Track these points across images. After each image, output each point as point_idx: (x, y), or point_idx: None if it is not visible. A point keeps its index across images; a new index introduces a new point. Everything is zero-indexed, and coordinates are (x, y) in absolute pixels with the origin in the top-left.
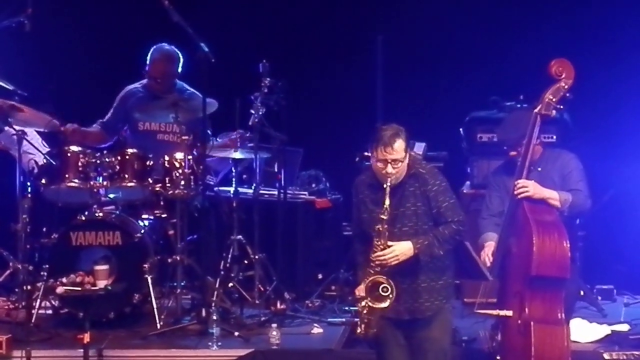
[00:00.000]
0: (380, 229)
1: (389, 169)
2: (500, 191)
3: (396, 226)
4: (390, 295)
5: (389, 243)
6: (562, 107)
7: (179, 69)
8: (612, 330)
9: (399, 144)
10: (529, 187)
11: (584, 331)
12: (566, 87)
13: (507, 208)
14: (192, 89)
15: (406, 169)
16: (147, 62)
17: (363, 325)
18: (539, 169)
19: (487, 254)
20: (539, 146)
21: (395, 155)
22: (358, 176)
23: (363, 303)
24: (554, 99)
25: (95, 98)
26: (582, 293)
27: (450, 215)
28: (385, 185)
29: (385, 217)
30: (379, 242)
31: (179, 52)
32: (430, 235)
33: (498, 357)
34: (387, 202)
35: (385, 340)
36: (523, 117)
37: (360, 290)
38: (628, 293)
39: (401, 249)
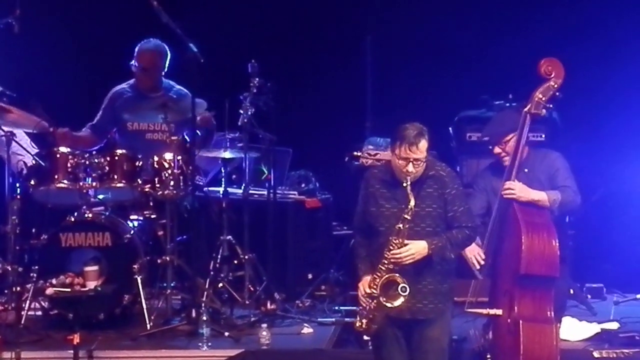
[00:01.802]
0: (401, 227)
1: (410, 167)
2: (483, 192)
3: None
4: (406, 295)
5: (405, 242)
6: (551, 106)
7: (166, 65)
8: (601, 329)
9: (423, 144)
10: (515, 190)
11: (573, 329)
12: (556, 86)
13: (496, 208)
14: (178, 86)
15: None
16: (135, 54)
17: (365, 321)
18: (526, 170)
19: (475, 254)
20: (525, 146)
21: (419, 155)
22: (369, 169)
23: (370, 299)
24: (543, 98)
25: (83, 99)
26: (571, 292)
27: (465, 220)
28: (405, 184)
29: (408, 217)
30: (397, 241)
31: (167, 47)
32: (444, 237)
33: (488, 356)
34: (413, 202)
35: (385, 337)
36: (510, 115)
37: (365, 284)
38: (617, 291)
39: (417, 248)
